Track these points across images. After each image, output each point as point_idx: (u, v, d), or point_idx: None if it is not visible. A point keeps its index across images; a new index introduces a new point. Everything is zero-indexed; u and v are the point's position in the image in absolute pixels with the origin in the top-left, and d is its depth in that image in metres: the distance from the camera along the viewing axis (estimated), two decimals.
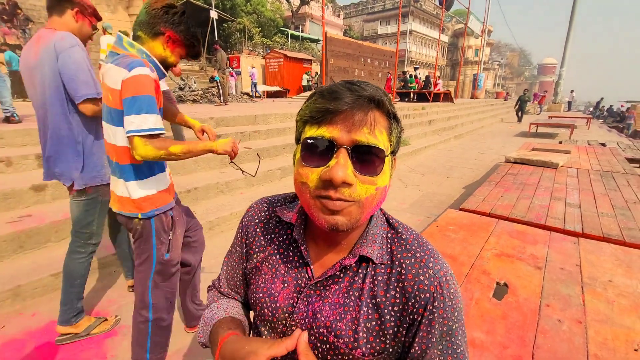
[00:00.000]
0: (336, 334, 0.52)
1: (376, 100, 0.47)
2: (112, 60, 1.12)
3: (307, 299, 0.55)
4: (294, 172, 0.52)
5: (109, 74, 1.11)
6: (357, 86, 0.48)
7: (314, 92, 0.51)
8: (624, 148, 6.08)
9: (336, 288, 0.54)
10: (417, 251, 0.55)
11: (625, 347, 1.04)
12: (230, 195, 3.49)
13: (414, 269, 0.53)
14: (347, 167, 0.45)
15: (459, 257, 1.64)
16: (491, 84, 42.88)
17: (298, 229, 0.58)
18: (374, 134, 0.47)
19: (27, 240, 2.17)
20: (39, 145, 1.63)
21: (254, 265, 0.62)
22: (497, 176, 3.38)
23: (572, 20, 20.09)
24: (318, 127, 0.48)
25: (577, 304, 1.26)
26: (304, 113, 0.50)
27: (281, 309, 0.56)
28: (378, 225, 0.58)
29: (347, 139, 0.46)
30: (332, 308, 0.53)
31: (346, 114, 0.46)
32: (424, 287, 0.51)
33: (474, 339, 1.08)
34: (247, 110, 6.04)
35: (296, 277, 0.57)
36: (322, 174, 0.46)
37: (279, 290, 0.57)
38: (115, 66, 1.10)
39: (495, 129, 12.20)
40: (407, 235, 0.57)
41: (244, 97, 10.15)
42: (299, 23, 26.46)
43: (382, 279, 0.54)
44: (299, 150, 0.51)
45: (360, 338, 0.52)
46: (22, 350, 1.59)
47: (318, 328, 0.53)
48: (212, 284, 0.75)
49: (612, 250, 1.74)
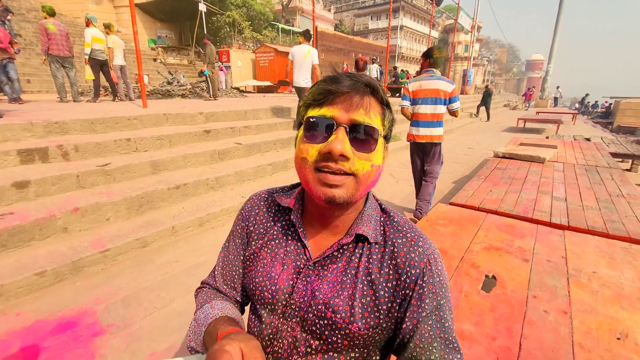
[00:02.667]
0: (334, 310, 0.55)
1: (371, 87, 0.53)
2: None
3: (306, 278, 0.58)
4: (296, 150, 0.56)
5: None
6: (354, 75, 0.54)
7: (317, 81, 0.56)
8: (608, 143, 6.23)
9: (334, 267, 0.58)
10: (408, 232, 0.59)
11: (608, 336, 1.07)
12: (220, 192, 3.45)
13: (405, 247, 0.57)
14: (345, 142, 0.50)
15: (449, 250, 1.65)
16: (480, 79, 43.32)
17: (295, 212, 0.62)
18: (369, 116, 0.52)
19: (9, 239, 2.11)
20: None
21: (253, 251, 0.64)
22: (486, 171, 3.43)
23: (559, 16, 20.39)
24: (320, 108, 0.53)
25: (562, 295, 1.29)
26: (307, 98, 0.55)
27: (281, 290, 0.59)
28: (372, 207, 0.62)
29: (346, 118, 0.51)
30: (330, 286, 0.56)
31: (345, 96, 0.51)
32: (415, 264, 0.55)
33: (463, 331, 1.09)
34: (237, 106, 5.97)
35: (295, 259, 0.60)
36: (321, 147, 0.50)
37: (279, 273, 0.60)
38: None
39: (484, 124, 12.35)
40: (398, 219, 0.62)
41: (233, 91, 10.01)
42: (290, 17, 26.17)
43: (376, 257, 0.57)
44: (302, 130, 0.55)
45: (356, 313, 0.54)
46: (7, 351, 1.54)
47: (317, 305, 0.56)
48: (203, 283, 0.74)
49: (596, 242, 1.78)
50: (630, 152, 5.43)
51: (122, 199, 2.69)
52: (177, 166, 3.49)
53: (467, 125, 11.32)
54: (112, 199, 2.64)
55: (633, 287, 1.35)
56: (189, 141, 4.01)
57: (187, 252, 2.53)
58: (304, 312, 0.57)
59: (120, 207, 2.68)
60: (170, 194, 3.03)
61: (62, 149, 2.98)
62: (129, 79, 6.79)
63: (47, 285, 2.02)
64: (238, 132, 4.67)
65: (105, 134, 3.58)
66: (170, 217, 2.80)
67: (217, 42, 17.73)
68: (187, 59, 16.87)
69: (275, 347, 0.59)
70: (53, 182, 2.61)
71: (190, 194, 3.20)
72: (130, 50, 8.13)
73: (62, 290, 2.02)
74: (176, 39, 19.21)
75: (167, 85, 8.89)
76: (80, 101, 6.00)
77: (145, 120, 4.03)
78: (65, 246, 2.26)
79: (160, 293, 2.03)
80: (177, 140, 3.88)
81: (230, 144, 4.18)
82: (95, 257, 2.24)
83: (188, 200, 3.15)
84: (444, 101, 2.96)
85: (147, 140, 3.58)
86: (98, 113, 3.97)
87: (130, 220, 2.72)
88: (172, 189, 3.03)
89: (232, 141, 4.35)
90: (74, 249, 2.24)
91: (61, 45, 5.46)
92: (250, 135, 4.83)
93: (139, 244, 2.47)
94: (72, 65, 5.75)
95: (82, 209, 2.46)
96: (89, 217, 2.50)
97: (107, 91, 7.79)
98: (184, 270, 2.28)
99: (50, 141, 3.07)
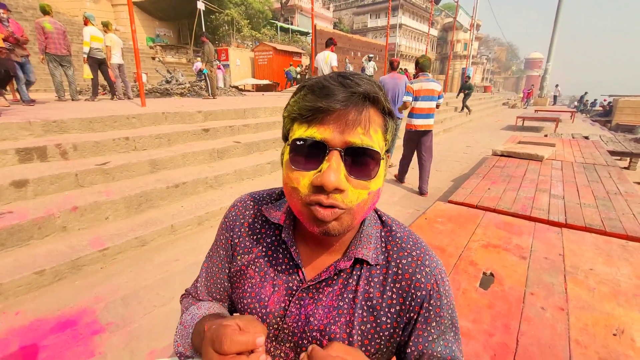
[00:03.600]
0: (330, 338, 0.51)
1: (371, 97, 0.44)
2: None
3: (300, 302, 0.53)
4: (284, 175, 0.49)
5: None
6: (350, 80, 0.44)
7: (303, 85, 0.47)
8: (606, 141, 6.25)
9: (329, 291, 0.53)
10: (413, 249, 0.54)
11: (604, 332, 1.08)
12: (219, 190, 3.45)
13: (410, 267, 0.52)
14: (339, 172, 0.42)
15: (447, 248, 1.66)
16: (479, 78, 43.33)
17: (287, 230, 0.55)
18: (368, 134, 0.44)
19: (8, 238, 2.11)
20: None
21: (239, 268, 0.59)
22: (484, 169, 3.44)
23: (558, 14, 20.38)
24: (308, 126, 0.44)
25: (559, 292, 1.30)
26: (292, 109, 0.46)
27: (272, 313, 0.54)
28: (372, 224, 0.56)
29: (340, 140, 0.43)
30: (326, 311, 0.52)
31: (339, 113, 0.42)
32: (421, 285, 0.51)
33: (461, 327, 1.09)
34: (236, 104, 5.96)
35: (287, 280, 0.54)
36: (313, 179, 0.43)
37: (269, 295, 0.55)
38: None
39: (482, 122, 12.36)
40: (401, 233, 0.56)
41: (232, 90, 9.99)
42: (288, 15, 26.11)
43: (377, 280, 0.53)
44: (287, 151, 0.47)
45: (355, 341, 0.51)
46: (6, 350, 1.55)
47: (311, 332, 0.52)
48: (187, 292, 0.69)
49: (593, 239, 1.79)
50: (628, 150, 5.44)
51: (121, 197, 2.68)
52: (176, 165, 3.49)
53: (465, 123, 11.33)
54: (111, 198, 2.64)
55: (629, 284, 1.36)
56: (188, 140, 4.00)
57: (187, 250, 2.53)
58: (298, 337, 0.53)
59: (119, 206, 2.68)
60: (169, 193, 3.03)
61: (60, 148, 2.97)
62: (127, 77, 6.77)
63: (46, 284, 2.02)
64: (237, 130, 4.66)
65: (103, 132, 3.58)
66: (170, 216, 2.81)
67: (216, 41, 17.68)
68: (186, 57, 16.84)
69: None
70: (52, 181, 2.60)
71: (189, 193, 3.20)
72: (129, 49, 8.12)
73: (61, 289, 2.02)
74: (175, 38, 19.17)
75: (165, 84, 8.86)
76: (79, 100, 5.98)
77: (143, 119, 4.03)
78: (65, 245, 2.26)
79: (159, 292, 2.04)
80: (176, 139, 3.88)
81: (229, 143, 4.17)
82: (94, 256, 2.24)
83: (187, 199, 3.15)
84: (436, 98, 3.83)
85: (146, 139, 3.58)
86: (96, 112, 3.96)
87: (129, 219, 2.72)
88: (171, 187, 3.03)
89: (231, 140, 4.35)
90: (73, 247, 2.24)
91: (58, 43, 5.43)
92: (249, 134, 4.82)
93: (138, 242, 2.47)
94: (70, 64, 5.72)
95: (81, 208, 2.46)
96: (88, 216, 2.50)
97: (105, 90, 7.77)
98: (184, 269, 2.28)
99: (48, 140, 3.06)
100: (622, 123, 13.87)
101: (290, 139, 0.47)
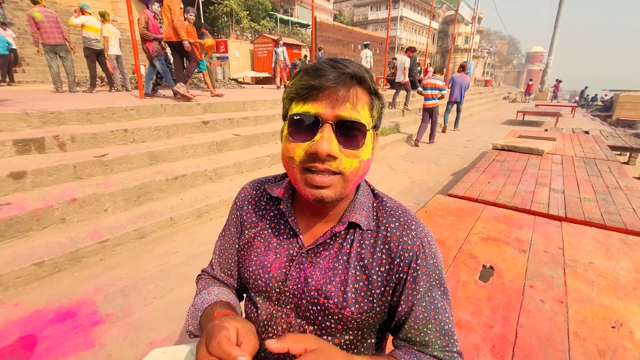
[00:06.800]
0: (326, 296, 0.55)
1: (358, 77, 0.50)
2: None
3: (299, 266, 0.58)
4: (282, 148, 0.54)
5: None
6: (340, 63, 0.50)
7: (299, 69, 0.53)
8: (606, 136, 6.23)
9: (326, 254, 0.58)
10: (401, 216, 0.59)
11: (603, 324, 1.09)
12: (219, 183, 3.44)
13: (397, 231, 0.57)
14: (331, 141, 0.48)
15: (447, 241, 1.66)
16: (480, 71, 43.08)
17: (285, 202, 0.62)
18: (356, 109, 0.50)
19: (7, 229, 2.11)
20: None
21: (247, 240, 0.65)
22: (484, 163, 3.43)
23: (560, 8, 20.19)
24: (304, 103, 0.50)
25: (559, 285, 1.30)
26: (290, 90, 0.53)
27: (274, 278, 0.59)
28: (365, 194, 0.62)
29: (331, 114, 0.49)
30: (323, 272, 0.57)
31: (330, 91, 0.49)
32: (408, 247, 0.56)
33: (460, 319, 1.10)
34: (235, 97, 5.91)
35: (288, 247, 0.60)
36: (307, 147, 0.49)
37: (272, 262, 0.60)
38: None
39: (483, 117, 12.31)
40: (391, 203, 0.62)
41: (231, 83, 9.91)
42: (288, 7, 25.77)
43: (369, 242, 0.58)
44: (286, 126, 0.53)
45: (349, 298, 0.55)
46: (6, 340, 1.55)
47: (309, 292, 0.57)
48: (203, 272, 0.76)
49: (593, 233, 1.79)
50: (628, 145, 5.44)
51: (119, 189, 2.67)
52: (175, 157, 3.47)
53: (465, 118, 11.27)
54: (110, 190, 2.63)
55: (629, 277, 1.36)
56: (187, 132, 3.98)
57: (186, 242, 2.53)
58: (298, 298, 0.58)
59: (118, 198, 2.67)
60: (169, 185, 3.02)
61: (58, 140, 2.95)
62: (125, 69, 6.70)
63: (46, 276, 2.02)
64: (236, 123, 4.63)
65: (102, 124, 3.55)
66: (169, 208, 2.80)
67: (215, 33, 17.46)
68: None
69: (271, 333, 0.60)
70: (50, 172, 2.59)
71: (189, 185, 3.19)
72: (127, 40, 8.01)
73: (60, 280, 2.02)
74: None
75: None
76: (76, 91, 5.92)
77: (142, 111, 3.99)
78: (63, 237, 2.26)
79: (159, 283, 2.04)
80: (175, 131, 3.85)
81: (229, 135, 4.15)
82: (93, 247, 2.23)
83: (186, 192, 3.14)
84: (437, 89, 6.09)
85: (145, 131, 3.55)
86: (94, 103, 3.92)
87: (128, 211, 2.71)
88: (170, 180, 3.02)
89: (230, 132, 4.32)
90: (72, 239, 2.24)
91: (51, 32, 5.29)
92: (248, 127, 4.79)
93: (137, 234, 2.47)
94: (67, 54, 5.64)
95: (79, 200, 2.45)
96: (87, 208, 2.49)
97: (103, 81, 7.69)
98: (183, 261, 2.28)
99: (46, 131, 3.04)
100: (623, 118, 13.83)
101: (289, 116, 0.53)
